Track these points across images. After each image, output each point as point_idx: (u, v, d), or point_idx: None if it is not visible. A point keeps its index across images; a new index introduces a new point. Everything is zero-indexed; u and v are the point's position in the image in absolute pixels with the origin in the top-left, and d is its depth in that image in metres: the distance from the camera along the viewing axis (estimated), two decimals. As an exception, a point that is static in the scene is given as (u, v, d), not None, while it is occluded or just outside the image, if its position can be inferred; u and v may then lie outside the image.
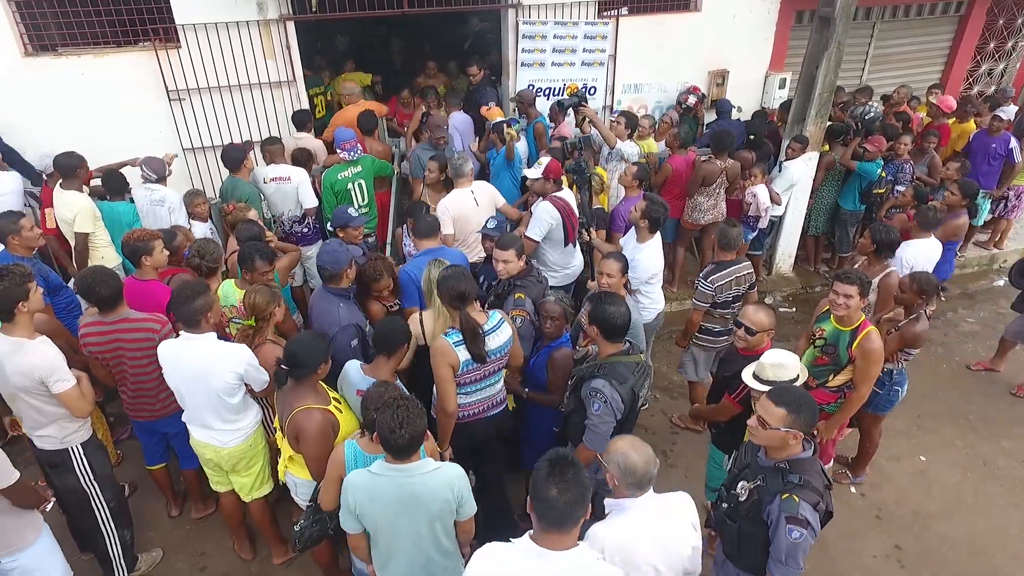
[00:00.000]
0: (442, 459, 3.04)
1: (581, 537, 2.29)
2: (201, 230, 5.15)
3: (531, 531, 2.20)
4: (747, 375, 3.37)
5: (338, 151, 5.55)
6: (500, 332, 3.42)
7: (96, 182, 5.48)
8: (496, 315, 3.47)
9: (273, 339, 3.63)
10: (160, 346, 3.35)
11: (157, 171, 5.15)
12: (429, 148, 6.00)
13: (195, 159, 6.61)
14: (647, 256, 4.71)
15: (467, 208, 5.16)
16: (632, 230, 4.91)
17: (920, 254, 5.20)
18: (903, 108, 8.23)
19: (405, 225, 5.22)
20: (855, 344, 3.83)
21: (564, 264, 5.26)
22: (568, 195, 5.17)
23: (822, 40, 6.51)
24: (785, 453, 2.70)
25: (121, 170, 5.50)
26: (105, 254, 5.14)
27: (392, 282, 4.12)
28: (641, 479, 2.48)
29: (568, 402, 3.43)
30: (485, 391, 3.55)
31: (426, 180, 5.63)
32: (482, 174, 6.37)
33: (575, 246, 5.30)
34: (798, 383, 3.27)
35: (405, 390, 3.29)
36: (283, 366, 3.06)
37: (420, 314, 3.81)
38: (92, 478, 3.49)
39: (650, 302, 4.98)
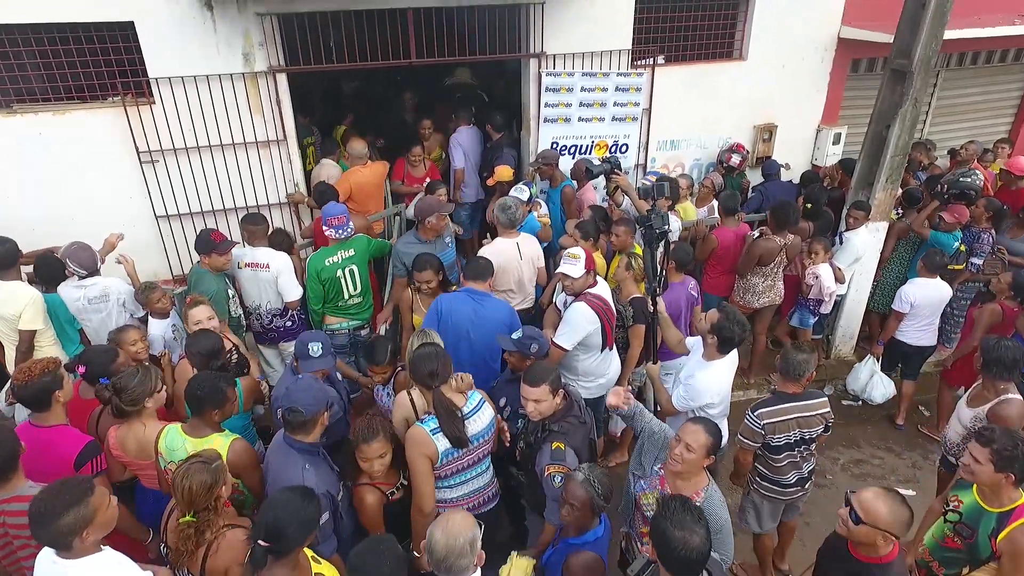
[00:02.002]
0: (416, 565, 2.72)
1: None
2: (160, 329, 4.25)
3: None
4: None
5: (324, 228, 4.64)
6: (482, 414, 3.26)
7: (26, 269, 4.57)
8: (476, 395, 3.30)
9: (231, 521, 2.67)
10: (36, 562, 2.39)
11: (84, 264, 4.24)
12: (415, 242, 4.76)
13: (170, 229, 5.76)
14: (709, 378, 3.72)
15: (510, 259, 4.80)
16: (700, 340, 3.93)
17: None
18: (973, 166, 7.28)
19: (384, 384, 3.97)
20: (1003, 534, 2.81)
21: (599, 372, 4.31)
22: (604, 290, 4.24)
23: (895, 96, 5.60)
24: None
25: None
26: (50, 354, 4.23)
27: (392, 448, 2.97)
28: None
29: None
30: (473, 482, 3.30)
31: (419, 287, 4.35)
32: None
33: (612, 349, 4.35)
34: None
35: None
36: (261, 542, 2.28)
37: (410, 392, 3.34)
38: None
39: None
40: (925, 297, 5.38)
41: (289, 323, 4.77)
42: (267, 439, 3.46)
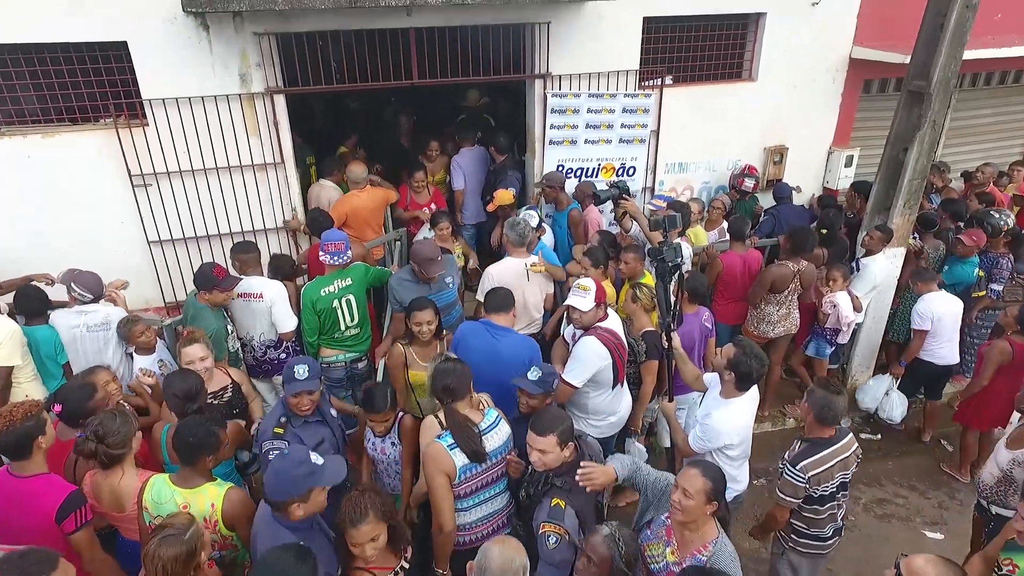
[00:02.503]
0: None
1: None
2: (147, 364, 4.02)
3: None
4: None
5: (320, 254, 4.43)
6: (499, 430, 3.22)
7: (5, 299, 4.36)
8: (493, 412, 3.27)
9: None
10: None
11: (91, 288, 4.05)
12: (411, 281, 4.35)
13: (163, 255, 5.56)
14: (727, 417, 3.47)
15: (518, 281, 4.60)
16: (717, 376, 3.70)
17: None
18: (989, 189, 7.09)
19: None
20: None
21: (610, 410, 4.07)
22: (615, 323, 4.01)
23: (912, 118, 5.42)
24: None
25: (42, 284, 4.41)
26: (30, 391, 4.03)
27: (388, 530, 2.59)
28: None
29: None
30: (487, 505, 3.20)
31: (417, 333, 3.83)
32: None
33: (623, 386, 4.12)
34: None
35: None
36: None
37: (438, 415, 3.25)
38: None
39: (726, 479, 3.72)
40: (946, 311, 5.25)
41: (284, 355, 4.52)
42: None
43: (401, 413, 3.56)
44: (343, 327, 4.42)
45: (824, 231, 5.84)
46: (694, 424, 3.72)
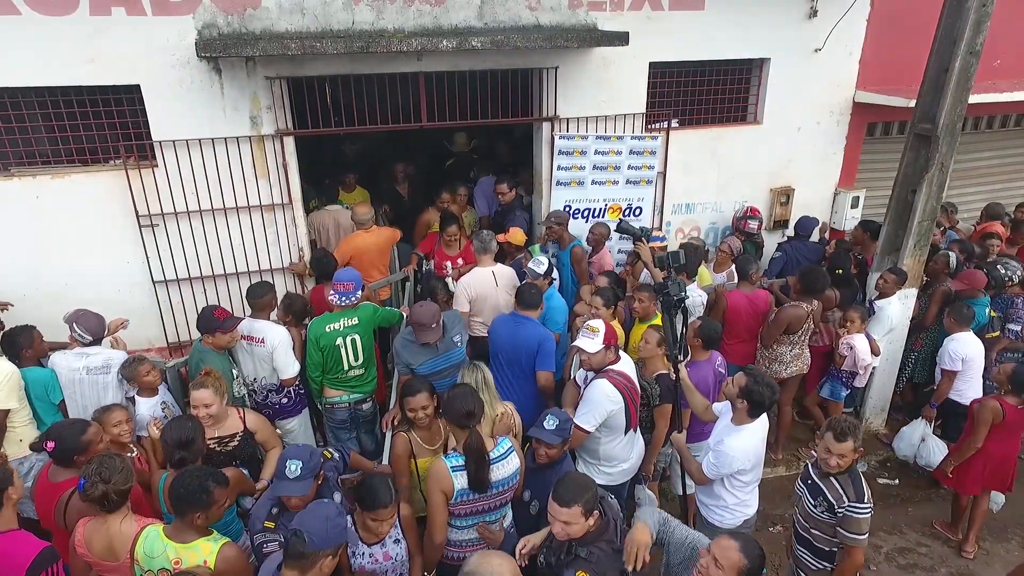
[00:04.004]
0: None
1: None
2: (147, 409, 3.92)
3: None
4: None
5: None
6: (508, 462, 3.24)
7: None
8: (506, 442, 3.29)
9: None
10: None
11: (92, 330, 3.99)
12: (414, 346, 4.12)
13: (167, 294, 5.51)
14: (739, 444, 3.49)
15: (487, 288, 5.09)
16: (727, 405, 3.71)
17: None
18: (995, 228, 7.07)
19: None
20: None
21: (622, 457, 3.96)
22: (628, 366, 3.94)
23: (919, 161, 5.45)
24: None
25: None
26: (25, 435, 3.93)
27: None
28: None
29: None
30: None
31: (413, 419, 3.49)
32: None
33: (636, 431, 4.01)
34: None
35: None
36: None
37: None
38: None
39: (736, 502, 3.64)
40: (977, 352, 5.16)
41: (285, 400, 4.43)
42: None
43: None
44: (346, 367, 4.34)
45: (839, 271, 5.80)
46: (707, 452, 3.71)
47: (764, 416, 3.58)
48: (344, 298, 4.32)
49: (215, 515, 2.76)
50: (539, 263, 4.82)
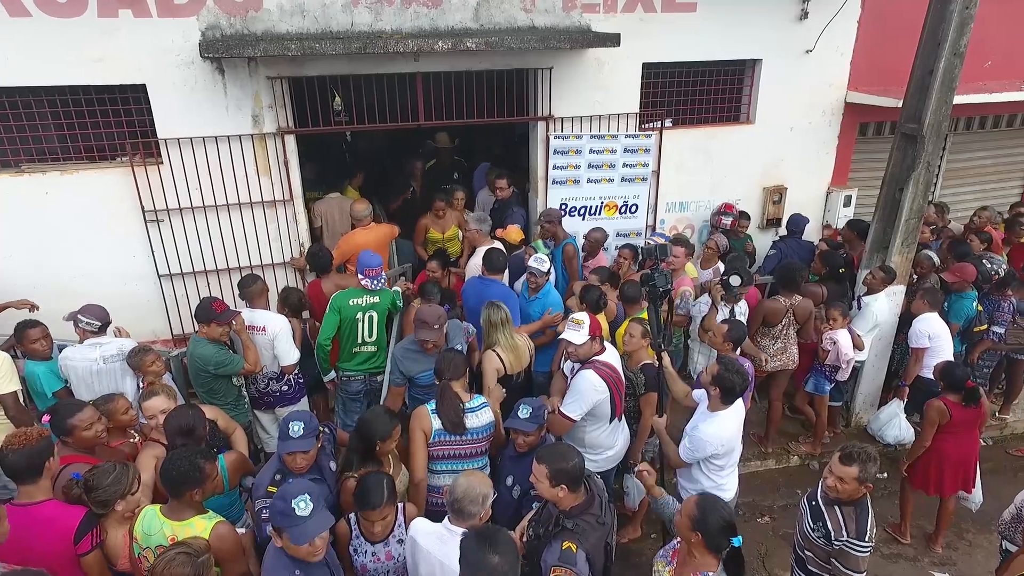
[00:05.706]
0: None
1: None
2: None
3: None
4: None
5: (359, 276, 4.59)
6: (482, 413, 3.71)
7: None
8: (480, 398, 3.79)
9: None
10: None
11: (99, 316, 4.13)
12: (418, 351, 4.11)
13: (172, 288, 5.67)
14: (712, 430, 3.66)
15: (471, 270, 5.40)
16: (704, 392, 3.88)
17: None
18: (987, 228, 7.15)
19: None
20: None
21: (607, 444, 4.09)
22: (613, 356, 4.07)
23: (906, 160, 5.54)
24: None
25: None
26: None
27: None
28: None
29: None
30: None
31: (410, 442, 3.57)
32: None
33: (620, 420, 4.14)
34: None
35: None
36: None
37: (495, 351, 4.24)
38: None
39: (712, 486, 3.76)
40: (943, 330, 5.34)
41: (285, 387, 4.59)
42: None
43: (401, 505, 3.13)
44: (360, 340, 4.58)
45: (842, 271, 5.94)
46: (684, 438, 3.87)
47: (740, 403, 3.72)
48: (376, 282, 4.59)
49: (210, 489, 2.91)
50: (542, 261, 4.92)
